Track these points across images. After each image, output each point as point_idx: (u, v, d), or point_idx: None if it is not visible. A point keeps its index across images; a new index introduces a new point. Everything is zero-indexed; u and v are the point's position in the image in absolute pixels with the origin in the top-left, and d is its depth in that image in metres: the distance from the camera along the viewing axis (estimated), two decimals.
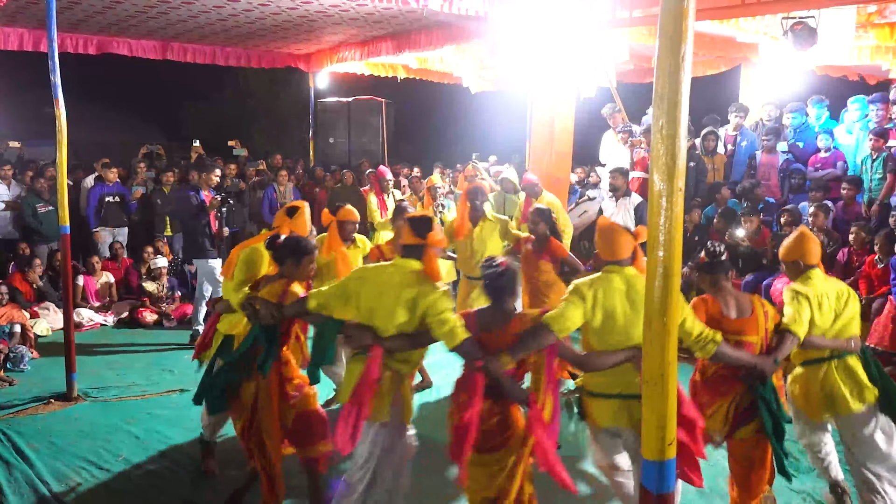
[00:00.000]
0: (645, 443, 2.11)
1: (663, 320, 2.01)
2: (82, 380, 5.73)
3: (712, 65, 10.01)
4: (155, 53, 8.96)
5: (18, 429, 4.89)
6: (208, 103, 22.00)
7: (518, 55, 8.21)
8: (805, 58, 7.06)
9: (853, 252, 6.21)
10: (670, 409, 2.06)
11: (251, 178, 9.89)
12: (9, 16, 7.31)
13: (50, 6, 5.18)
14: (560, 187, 7.65)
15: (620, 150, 8.66)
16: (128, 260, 8.74)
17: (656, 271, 2.01)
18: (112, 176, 8.89)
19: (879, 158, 6.88)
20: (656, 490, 2.09)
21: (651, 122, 2.03)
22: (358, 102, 12.83)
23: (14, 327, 6.50)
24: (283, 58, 10.21)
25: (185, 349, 6.96)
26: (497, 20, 6.69)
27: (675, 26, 1.92)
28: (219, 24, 8.01)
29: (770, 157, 8.05)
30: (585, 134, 10.44)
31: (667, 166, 1.97)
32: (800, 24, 5.91)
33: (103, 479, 4.22)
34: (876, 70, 9.27)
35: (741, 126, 8.56)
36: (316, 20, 7.74)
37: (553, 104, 7.72)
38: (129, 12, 7.32)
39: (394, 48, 8.48)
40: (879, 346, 5.67)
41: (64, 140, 5.32)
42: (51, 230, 8.14)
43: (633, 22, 6.73)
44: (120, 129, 20.33)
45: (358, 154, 12.28)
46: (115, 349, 7.00)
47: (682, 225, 2.03)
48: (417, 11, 6.81)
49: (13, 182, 8.64)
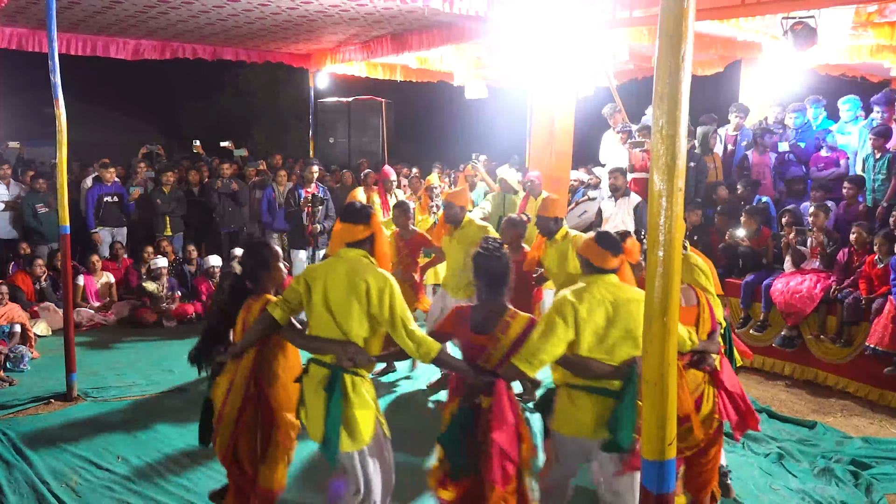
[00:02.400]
0: (645, 443, 2.11)
1: (663, 320, 2.02)
2: (82, 380, 5.73)
3: (712, 65, 10.02)
4: (155, 53, 8.96)
5: (18, 429, 4.89)
6: (208, 103, 22.01)
7: (518, 55, 8.22)
8: (805, 57, 7.07)
9: (853, 252, 6.21)
10: (670, 409, 2.06)
11: (251, 178, 9.88)
12: (9, 16, 7.31)
13: (50, 6, 5.18)
14: (560, 187, 7.65)
15: (620, 150, 8.65)
16: (128, 260, 8.74)
17: (656, 271, 2.01)
18: (110, 176, 8.89)
19: (884, 159, 6.86)
20: (656, 490, 2.10)
21: (650, 121, 2.03)
22: (358, 102, 12.83)
23: (14, 327, 6.50)
24: (283, 57, 10.21)
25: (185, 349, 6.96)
26: (497, 20, 6.70)
27: (675, 26, 1.92)
28: (219, 25, 8.01)
29: (762, 156, 8.06)
30: (585, 134, 10.45)
31: (667, 166, 1.97)
32: (800, 24, 5.91)
33: (103, 479, 4.22)
34: (876, 69, 9.30)
35: (741, 126, 8.56)
36: (316, 20, 7.74)
37: (553, 104, 7.72)
38: (129, 12, 7.32)
39: (394, 48, 8.48)
40: (880, 347, 5.66)
41: (64, 140, 5.32)
42: (51, 230, 8.14)
43: (633, 22, 6.73)
44: (120, 129, 20.34)
45: (358, 154, 12.28)
46: (115, 349, 7.00)
47: (682, 225, 2.03)
48: (418, 11, 6.81)
49: (13, 182, 8.64)
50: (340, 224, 3.23)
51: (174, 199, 8.98)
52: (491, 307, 3.10)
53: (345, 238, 3.19)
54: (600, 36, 7.13)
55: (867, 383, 5.86)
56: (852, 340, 6.00)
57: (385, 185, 8.33)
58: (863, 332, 5.89)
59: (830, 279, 6.24)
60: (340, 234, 3.21)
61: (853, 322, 5.97)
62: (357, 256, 3.14)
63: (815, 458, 4.66)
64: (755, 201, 7.46)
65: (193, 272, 8.61)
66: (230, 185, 9.04)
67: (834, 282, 6.19)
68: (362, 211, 3.21)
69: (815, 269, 6.43)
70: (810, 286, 6.23)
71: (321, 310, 3.07)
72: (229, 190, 9.03)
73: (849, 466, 4.51)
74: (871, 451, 4.80)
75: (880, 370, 5.70)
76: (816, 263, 6.45)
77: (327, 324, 3.07)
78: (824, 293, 6.17)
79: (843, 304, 6.01)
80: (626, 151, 8.26)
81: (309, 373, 3.15)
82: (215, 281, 8.19)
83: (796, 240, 6.57)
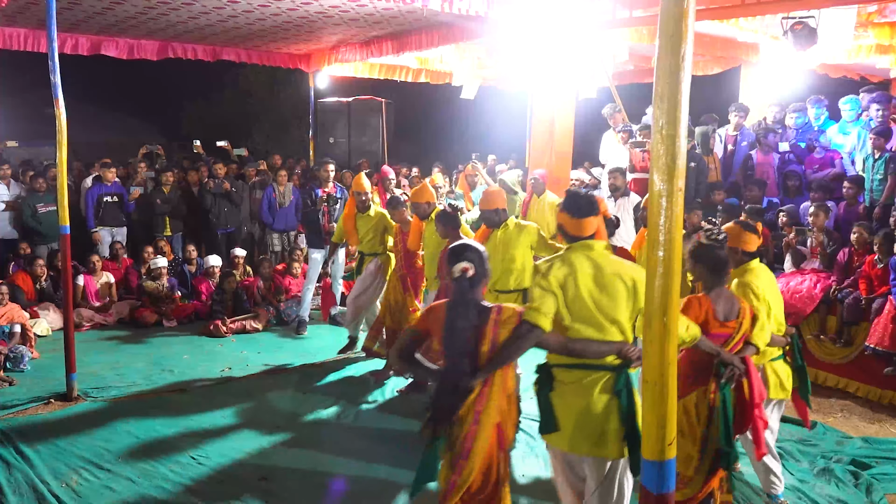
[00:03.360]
0: (645, 443, 2.11)
1: (663, 320, 2.02)
2: (82, 380, 5.73)
3: (712, 65, 10.02)
4: (155, 54, 8.96)
5: (18, 429, 4.89)
6: (208, 103, 21.99)
7: (518, 55, 8.23)
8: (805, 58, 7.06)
9: (854, 252, 6.21)
10: (670, 409, 2.06)
11: (251, 178, 9.89)
12: (9, 16, 7.31)
13: (50, 6, 5.17)
14: (560, 187, 7.65)
15: (620, 150, 8.66)
16: (128, 260, 8.74)
17: (656, 271, 2.01)
18: (111, 176, 8.90)
19: (882, 159, 6.86)
20: (656, 490, 2.10)
21: (650, 121, 2.04)
22: (358, 102, 12.83)
23: (14, 327, 6.50)
24: (283, 58, 10.22)
25: (185, 349, 6.98)
26: (497, 20, 6.70)
27: (675, 26, 1.92)
28: (219, 25, 8.01)
29: (766, 156, 8.05)
30: (586, 134, 10.45)
31: (667, 166, 1.97)
32: (800, 24, 5.91)
33: (103, 479, 4.22)
34: (876, 70, 9.29)
35: (741, 126, 8.56)
36: (316, 21, 7.74)
37: (553, 104, 7.74)
38: (129, 13, 7.32)
39: (394, 48, 8.49)
40: (880, 347, 5.67)
41: (64, 140, 5.32)
42: (51, 230, 8.14)
43: (633, 22, 6.73)
44: (120, 129, 20.34)
45: (358, 154, 12.29)
46: (115, 349, 7.00)
47: (682, 225, 2.03)
48: (418, 11, 6.81)
49: (13, 182, 8.64)
50: (570, 218, 3.00)
51: (174, 199, 8.99)
52: (726, 294, 3.38)
53: (578, 231, 2.99)
54: (600, 36, 7.14)
55: (867, 383, 5.86)
56: (852, 340, 6.00)
57: (384, 184, 8.35)
58: (863, 332, 5.89)
59: (830, 279, 6.24)
60: (571, 227, 3.01)
61: (853, 322, 5.97)
62: (602, 250, 2.99)
63: (815, 458, 4.67)
64: (765, 203, 7.45)
65: (193, 272, 8.62)
66: (222, 185, 9.04)
67: (834, 282, 6.20)
68: (592, 201, 3.04)
69: (815, 269, 6.43)
70: (810, 286, 6.23)
71: (586, 308, 2.89)
72: (221, 190, 9.03)
73: (849, 466, 4.51)
74: (871, 451, 4.81)
75: (880, 370, 5.70)
76: (816, 263, 6.45)
77: (591, 322, 2.89)
78: (824, 293, 6.17)
79: (843, 304, 6.02)
80: (627, 151, 8.27)
81: (561, 379, 2.94)
82: (215, 281, 8.20)
83: (796, 240, 6.57)
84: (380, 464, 4.47)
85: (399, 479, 4.27)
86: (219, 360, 6.60)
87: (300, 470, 4.39)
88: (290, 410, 5.41)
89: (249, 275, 8.61)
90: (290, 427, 5.08)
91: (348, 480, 4.26)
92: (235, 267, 8.47)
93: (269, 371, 6.34)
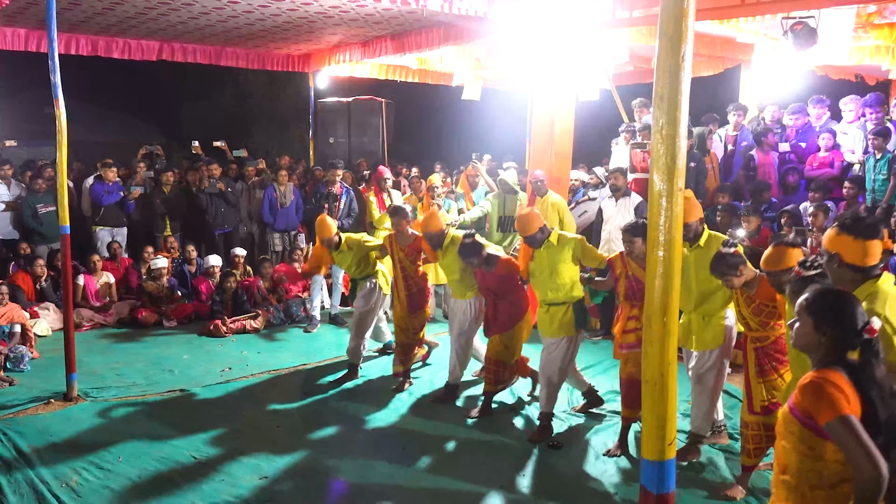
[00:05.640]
0: (645, 443, 2.11)
1: (663, 320, 2.02)
2: (82, 380, 5.73)
3: (712, 65, 10.01)
4: (155, 54, 8.96)
5: (18, 429, 4.89)
6: (208, 103, 21.97)
7: (518, 55, 8.22)
8: (805, 58, 7.07)
9: None
10: (670, 409, 2.06)
11: (251, 178, 9.89)
12: (9, 16, 7.31)
13: (50, 6, 5.17)
14: (560, 187, 7.65)
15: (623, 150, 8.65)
16: (128, 260, 8.74)
17: (656, 271, 2.01)
18: (112, 175, 8.89)
19: (884, 159, 6.87)
20: (656, 490, 2.10)
21: (650, 121, 2.04)
22: (358, 102, 12.81)
23: (14, 327, 6.50)
24: (283, 58, 10.22)
25: (185, 349, 6.98)
26: (497, 20, 6.70)
27: (675, 26, 1.93)
28: (219, 26, 8.02)
29: (766, 156, 8.05)
30: (586, 135, 10.45)
31: (667, 166, 1.97)
32: (800, 24, 5.91)
33: (103, 479, 4.22)
34: (876, 70, 9.29)
35: (741, 126, 8.56)
36: (316, 21, 7.74)
37: (553, 104, 7.72)
38: (129, 13, 7.32)
39: (394, 48, 8.48)
40: None
41: (64, 140, 5.31)
42: (51, 230, 8.14)
43: (633, 22, 6.73)
44: (120, 129, 20.34)
45: (358, 154, 12.27)
46: (115, 349, 7.00)
47: (682, 225, 2.03)
48: (417, 11, 6.82)
49: (13, 182, 8.64)
50: (852, 239, 2.74)
51: (173, 199, 8.99)
52: None
53: (863, 258, 2.73)
54: (600, 36, 7.13)
55: None
56: None
57: (379, 183, 8.35)
58: None
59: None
60: (852, 252, 2.74)
61: None
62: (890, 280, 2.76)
63: None
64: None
65: (193, 272, 8.62)
66: (216, 185, 9.03)
67: None
68: (878, 225, 2.78)
69: None
70: None
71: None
72: (216, 190, 9.03)
73: None
74: None
75: None
76: None
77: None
78: None
79: None
80: (627, 151, 8.25)
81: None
82: (215, 281, 8.20)
83: (796, 240, 6.56)
84: (380, 464, 4.47)
85: (399, 480, 4.28)
86: (219, 360, 6.60)
87: (300, 470, 4.40)
88: (290, 410, 5.41)
89: (250, 275, 8.61)
90: (290, 427, 5.08)
91: (348, 480, 4.26)
92: (236, 267, 8.47)
93: (269, 371, 6.35)
